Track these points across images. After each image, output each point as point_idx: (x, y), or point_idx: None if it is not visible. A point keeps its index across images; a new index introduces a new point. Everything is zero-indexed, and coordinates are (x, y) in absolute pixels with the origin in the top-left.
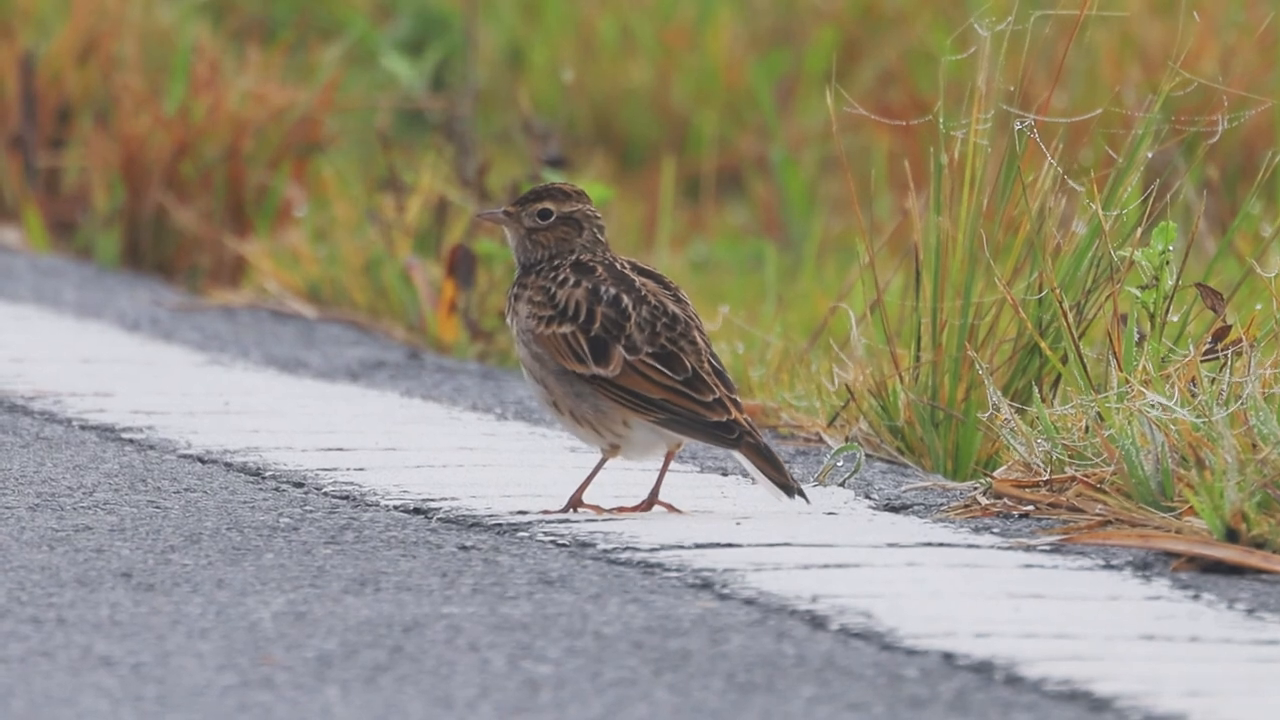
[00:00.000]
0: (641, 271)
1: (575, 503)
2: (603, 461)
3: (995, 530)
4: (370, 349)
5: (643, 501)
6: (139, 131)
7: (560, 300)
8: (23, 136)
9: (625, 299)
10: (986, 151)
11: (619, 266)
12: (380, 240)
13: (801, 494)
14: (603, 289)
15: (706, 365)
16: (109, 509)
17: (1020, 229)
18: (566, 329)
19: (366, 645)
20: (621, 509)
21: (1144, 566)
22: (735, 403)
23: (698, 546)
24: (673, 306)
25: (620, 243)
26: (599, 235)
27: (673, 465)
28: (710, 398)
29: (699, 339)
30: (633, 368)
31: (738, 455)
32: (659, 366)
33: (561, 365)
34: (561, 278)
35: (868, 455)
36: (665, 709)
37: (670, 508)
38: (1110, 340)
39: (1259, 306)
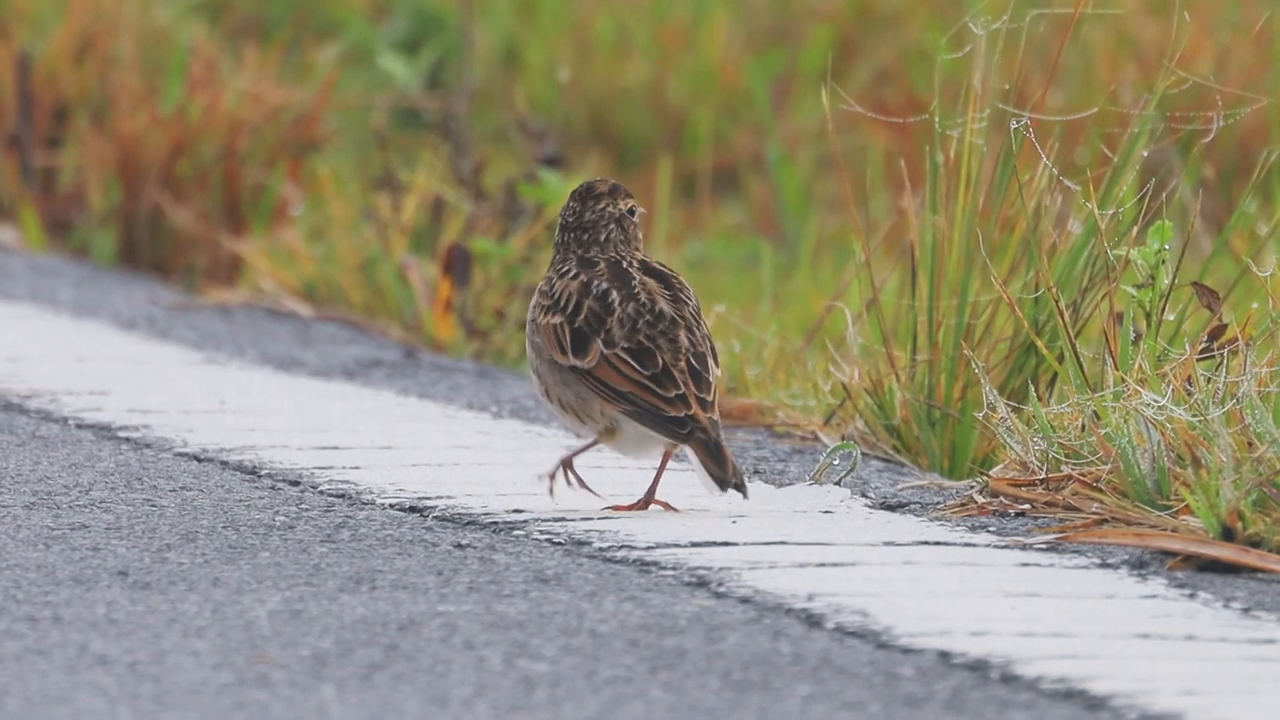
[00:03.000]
0: (648, 270)
1: (566, 464)
2: (594, 442)
3: (991, 529)
4: (366, 348)
5: (639, 500)
6: (135, 131)
7: (557, 291)
8: (19, 136)
9: (614, 295)
10: (982, 150)
11: (624, 264)
12: (376, 239)
13: (738, 488)
14: (595, 284)
15: (682, 364)
16: (105, 507)
17: (1016, 228)
18: (557, 320)
19: (362, 643)
20: (617, 507)
21: (1140, 565)
22: (701, 401)
23: (694, 545)
24: (663, 305)
25: None
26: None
27: (670, 464)
28: (673, 393)
29: (683, 338)
30: (607, 360)
31: (687, 450)
32: (629, 361)
33: (551, 356)
34: (564, 269)
35: (864, 454)
36: (661, 707)
37: (667, 506)
38: (1106, 339)
39: (1255, 305)
